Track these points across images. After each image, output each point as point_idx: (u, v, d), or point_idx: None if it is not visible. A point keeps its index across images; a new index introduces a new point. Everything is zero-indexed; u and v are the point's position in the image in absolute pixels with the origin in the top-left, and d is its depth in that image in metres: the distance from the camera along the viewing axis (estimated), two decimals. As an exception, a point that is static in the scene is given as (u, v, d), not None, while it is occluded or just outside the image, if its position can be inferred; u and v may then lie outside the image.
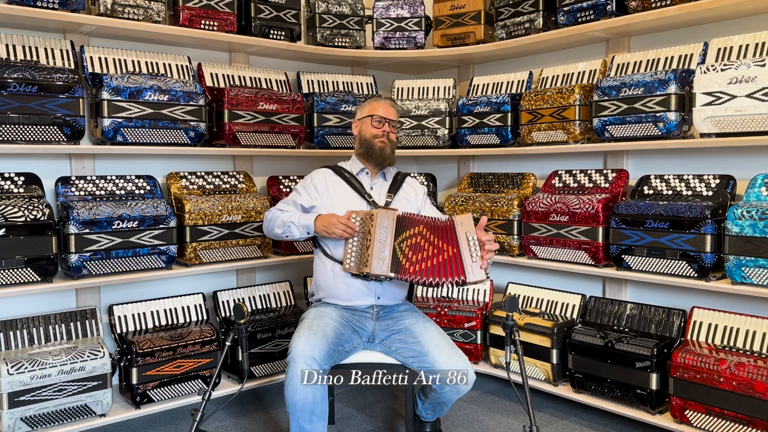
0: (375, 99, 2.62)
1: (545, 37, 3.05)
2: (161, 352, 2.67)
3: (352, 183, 2.53)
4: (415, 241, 2.29)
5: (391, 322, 2.43)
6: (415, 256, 2.28)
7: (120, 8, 2.71)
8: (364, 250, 2.30)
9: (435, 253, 2.26)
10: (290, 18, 3.25)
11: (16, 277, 2.44)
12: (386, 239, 2.28)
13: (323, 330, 2.26)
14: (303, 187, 2.56)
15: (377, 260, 2.27)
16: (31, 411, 2.39)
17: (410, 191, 2.62)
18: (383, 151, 2.52)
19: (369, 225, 2.29)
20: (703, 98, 2.44)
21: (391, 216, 2.29)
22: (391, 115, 2.57)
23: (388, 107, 2.58)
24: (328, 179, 2.55)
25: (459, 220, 2.22)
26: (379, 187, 2.58)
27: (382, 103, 2.58)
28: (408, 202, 2.59)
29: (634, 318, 2.80)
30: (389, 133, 2.54)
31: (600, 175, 2.98)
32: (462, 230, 2.21)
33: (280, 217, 2.50)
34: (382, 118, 2.53)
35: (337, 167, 2.60)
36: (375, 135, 2.52)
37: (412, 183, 2.67)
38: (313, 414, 2.15)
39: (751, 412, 2.26)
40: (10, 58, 2.60)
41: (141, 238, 2.70)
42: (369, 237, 2.28)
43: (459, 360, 2.26)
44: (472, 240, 2.21)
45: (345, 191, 2.51)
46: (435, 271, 2.25)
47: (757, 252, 2.29)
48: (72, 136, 2.57)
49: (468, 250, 2.21)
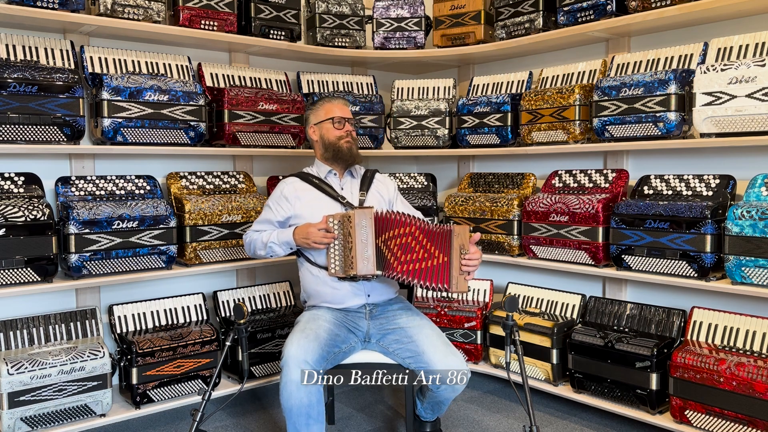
0: (326, 100, 2.58)
1: (545, 37, 3.05)
2: (161, 352, 2.67)
3: (322, 188, 2.51)
4: (405, 241, 2.28)
5: (384, 322, 2.43)
6: (404, 256, 2.27)
7: (120, 8, 2.71)
8: (347, 253, 2.30)
9: (425, 257, 2.26)
10: (290, 18, 3.25)
11: (16, 277, 2.44)
12: (368, 238, 2.28)
13: (316, 332, 2.26)
14: (274, 202, 2.53)
15: (362, 261, 2.27)
16: (31, 411, 2.39)
17: (381, 186, 2.61)
18: (351, 150, 2.52)
19: (348, 227, 2.28)
20: (703, 98, 2.44)
21: (368, 214, 2.29)
22: (348, 114, 2.56)
23: (343, 106, 2.57)
24: (297, 188, 2.52)
25: (457, 231, 2.22)
26: (349, 187, 2.56)
27: (336, 104, 2.56)
28: (380, 197, 2.58)
29: (634, 318, 2.80)
30: (351, 132, 2.54)
31: (600, 175, 2.98)
32: (457, 242, 2.21)
33: (258, 238, 2.49)
34: (341, 118, 2.52)
35: (304, 174, 2.57)
36: (339, 137, 2.51)
37: (382, 178, 2.66)
38: (310, 417, 2.15)
39: (751, 412, 2.26)
40: (10, 58, 2.60)
41: (141, 238, 2.70)
42: (350, 239, 2.28)
43: (454, 358, 2.26)
44: (464, 252, 2.21)
45: (317, 197, 2.49)
46: (423, 275, 2.25)
47: (757, 252, 2.29)
48: (72, 136, 2.57)
49: (458, 261, 2.21)
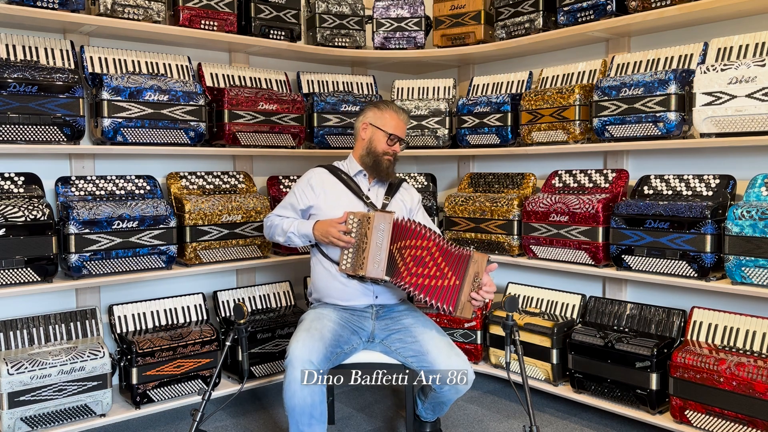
0: (394, 111, 2.54)
1: (545, 37, 3.05)
2: (161, 352, 2.67)
3: (349, 184, 2.51)
4: (419, 254, 2.27)
5: (390, 322, 2.43)
6: (416, 269, 2.26)
7: (120, 8, 2.71)
8: (360, 252, 2.29)
9: (437, 275, 2.24)
10: (290, 18, 3.25)
11: (16, 277, 2.44)
12: (383, 242, 2.27)
13: (321, 332, 2.26)
14: (300, 188, 2.53)
15: (373, 263, 2.27)
16: (31, 411, 2.39)
17: (406, 195, 2.61)
18: (389, 168, 2.52)
19: (366, 227, 2.28)
20: (703, 98, 2.44)
21: (388, 219, 2.28)
22: (404, 133, 2.55)
23: (404, 124, 2.55)
24: (325, 179, 2.52)
25: (476, 257, 2.22)
26: (376, 189, 2.56)
27: (401, 120, 2.53)
28: (403, 205, 2.57)
29: (634, 318, 2.80)
30: (397, 152, 2.53)
31: (600, 175, 2.98)
32: (473, 268, 2.21)
33: (279, 225, 2.49)
34: (398, 138, 2.51)
35: (333, 167, 2.57)
36: (386, 152, 2.50)
37: (408, 188, 2.65)
38: (312, 417, 2.15)
39: (751, 412, 2.26)
40: (10, 58, 2.60)
41: (141, 238, 2.70)
42: (365, 240, 2.28)
43: (458, 360, 2.25)
44: (477, 281, 2.21)
45: (342, 192, 2.49)
46: (431, 292, 2.23)
47: (757, 252, 2.29)
48: (72, 136, 2.57)
49: (469, 287, 2.21)
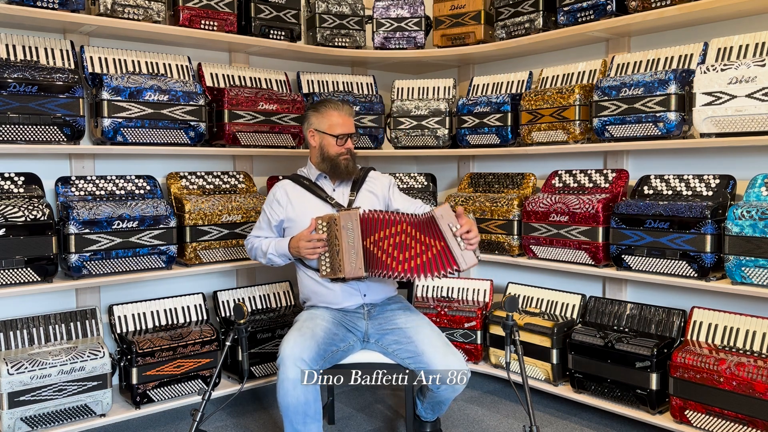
0: (334, 109, 2.46)
1: (545, 37, 3.05)
2: (161, 352, 2.67)
3: (312, 190, 2.49)
4: (400, 240, 2.25)
5: (383, 322, 2.42)
6: (402, 255, 2.24)
7: (120, 8, 2.71)
8: (335, 256, 2.29)
9: (423, 250, 2.23)
10: (290, 18, 3.25)
11: (16, 277, 2.44)
12: (354, 240, 2.26)
13: (312, 331, 2.26)
14: (268, 205, 2.53)
15: (349, 263, 2.26)
16: (31, 411, 2.39)
17: (375, 184, 2.58)
18: (348, 167, 2.47)
19: (335, 229, 2.28)
20: (703, 98, 2.44)
21: (354, 216, 2.27)
22: (352, 126, 2.49)
23: (348, 117, 2.47)
24: (289, 191, 2.51)
25: (439, 212, 2.19)
26: (341, 189, 2.53)
27: (342, 116, 2.46)
28: (373, 195, 2.55)
29: (634, 318, 2.80)
30: (351, 148, 2.48)
31: (600, 175, 2.98)
32: (444, 222, 2.18)
33: (259, 247, 2.51)
34: (346, 135, 2.45)
35: (296, 176, 2.56)
36: (339, 153, 2.46)
37: (376, 175, 2.62)
38: (307, 415, 2.15)
39: (751, 412, 2.26)
40: (10, 58, 2.60)
41: (141, 238, 2.70)
42: (337, 242, 2.27)
43: (454, 358, 2.26)
44: (455, 229, 2.19)
45: (308, 199, 2.48)
46: (428, 267, 2.22)
47: (757, 252, 2.29)
48: (72, 136, 2.57)
49: (454, 239, 2.19)
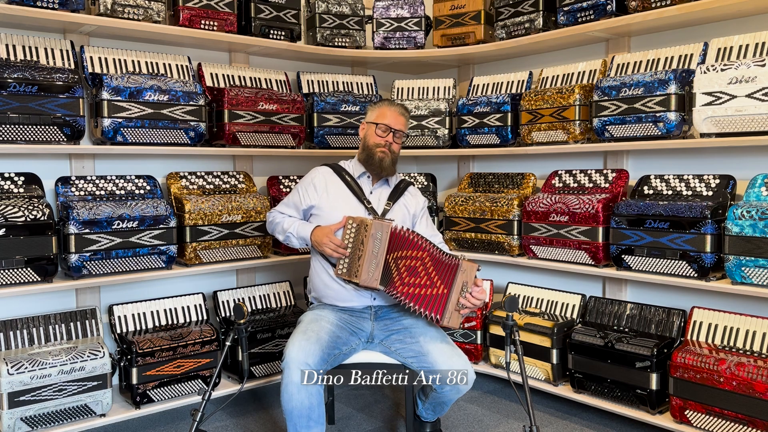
0: (387, 104, 2.50)
1: (545, 37, 3.05)
2: (161, 352, 2.67)
3: (351, 186, 2.49)
4: (413, 264, 2.25)
5: (389, 322, 2.43)
6: (409, 278, 2.25)
7: (120, 8, 2.71)
8: (356, 260, 2.28)
9: (427, 284, 2.23)
10: (290, 18, 3.25)
11: (16, 277, 2.44)
12: (378, 251, 2.25)
13: (317, 334, 2.26)
14: (303, 188, 2.53)
15: (367, 272, 2.26)
16: (31, 411, 2.39)
17: (411, 200, 2.58)
18: (382, 162, 2.46)
19: (363, 234, 2.26)
20: (703, 98, 2.44)
21: (386, 228, 2.26)
22: (399, 125, 2.48)
23: (398, 116, 2.48)
24: (328, 179, 2.51)
25: (464, 267, 2.18)
26: (379, 193, 2.53)
27: (392, 110, 2.47)
28: (406, 210, 2.55)
29: (634, 318, 2.80)
30: (392, 144, 2.47)
31: (600, 175, 2.98)
32: (462, 278, 2.18)
33: (281, 223, 2.50)
34: (388, 127, 2.45)
35: (338, 167, 2.55)
36: (377, 144, 2.45)
37: (414, 192, 2.62)
38: (310, 419, 2.15)
39: (751, 412, 2.26)
40: (10, 58, 2.60)
41: (141, 238, 2.70)
42: (362, 247, 2.26)
43: (459, 360, 2.25)
44: (465, 290, 2.19)
45: (344, 194, 2.48)
46: (420, 301, 2.23)
47: (757, 252, 2.29)
48: (72, 136, 2.57)
49: (457, 297, 2.19)
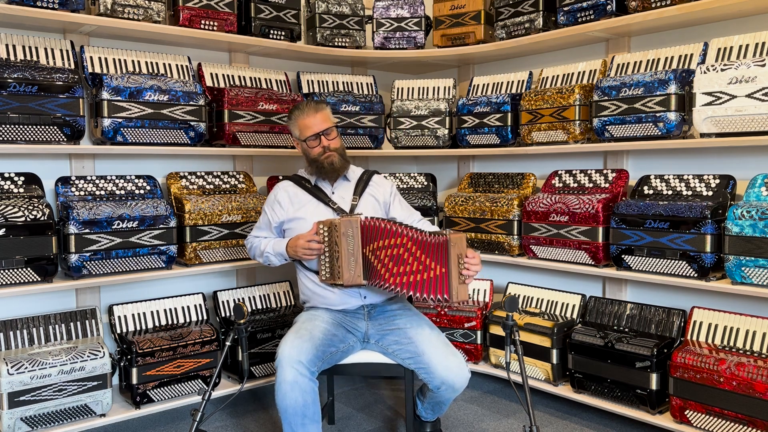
0: (299, 114, 2.45)
1: (545, 37, 3.05)
2: (161, 352, 2.67)
3: (313, 192, 2.49)
4: (396, 253, 2.22)
5: (383, 322, 2.42)
6: (397, 268, 2.21)
7: (120, 8, 2.71)
8: (335, 262, 2.28)
9: (420, 269, 2.19)
10: (290, 18, 3.25)
11: (16, 277, 2.44)
12: (354, 248, 2.24)
13: (310, 333, 2.26)
14: (269, 207, 2.53)
15: (348, 271, 2.25)
16: (31, 411, 2.39)
17: (377, 189, 2.56)
18: (333, 164, 2.44)
19: (335, 236, 2.26)
20: (703, 98, 2.44)
21: (354, 224, 2.24)
22: (324, 123, 2.43)
23: (316, 116, 2.43)
24: (290, 192, 2.51)
25: (454, 240, 2.15)
26: (341, 191, 2.51)
27: (309, 117, 2.43)
28: (375, 200, 2.54)
29: (634, 318, 2.80)
30: (330, 144, 2.44)
31: (600, 175, 2.98)
32: (455, 252, 2.15)
33: (258, 246, 2.52)
34: (317, 135, 2.42)
35: (297, 177, 2.55)
36: (319, 154, 2.44)
37: (379, 180, 2.60)
38: (305, 417, 2.15)
39: (751, 412, 2.26)
40: (10, 58, 2.60)
41: (141, 238, 2.70)
42: (337, 248, 2.26)
43: (454, 359, 2.26)
44: (462, 262, 2.16)
45: (309, 201, 2.48)
46: (420, 287, 2.19)
47: (757, 252, 2.29)
48: (72, 136, 2.57)
49: (457, 270, 2.16)
